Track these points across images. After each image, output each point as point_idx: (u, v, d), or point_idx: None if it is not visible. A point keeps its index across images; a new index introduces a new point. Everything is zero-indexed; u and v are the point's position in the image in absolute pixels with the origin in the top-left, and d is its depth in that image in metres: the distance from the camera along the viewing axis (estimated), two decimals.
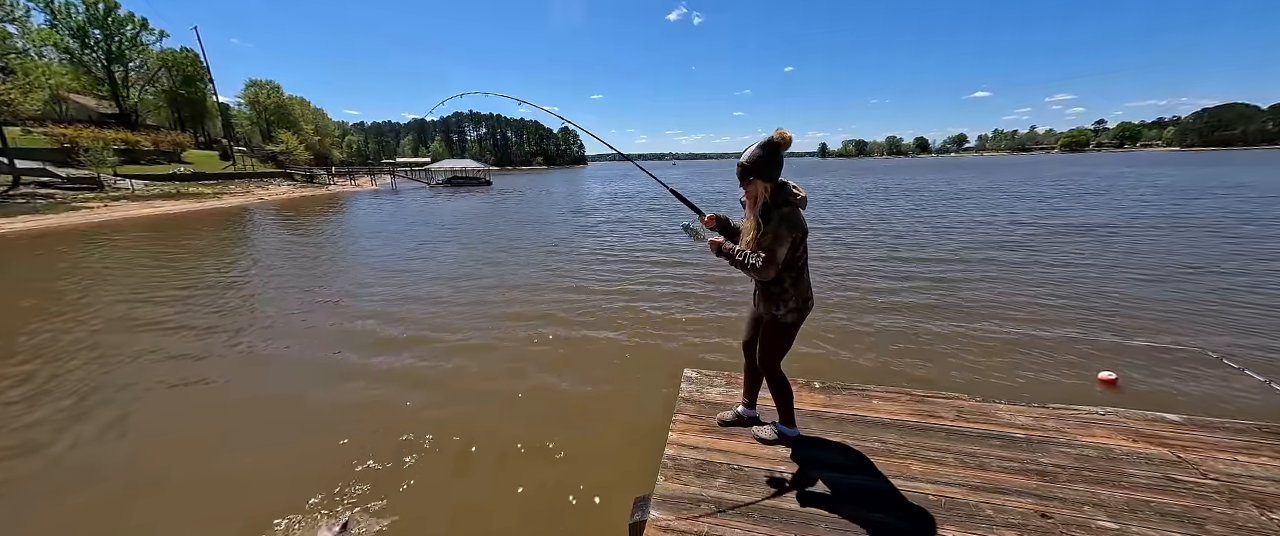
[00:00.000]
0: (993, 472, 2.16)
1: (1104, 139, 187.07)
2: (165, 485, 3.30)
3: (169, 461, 3.56)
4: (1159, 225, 12.25)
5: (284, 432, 3.97)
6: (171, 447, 3.76)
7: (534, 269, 9.67)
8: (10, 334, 6.27)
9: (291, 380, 4.92)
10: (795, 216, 2.00)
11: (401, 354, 5.43)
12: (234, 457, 3.59)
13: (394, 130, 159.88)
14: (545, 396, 4.44)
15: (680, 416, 2.71)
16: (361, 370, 5.04)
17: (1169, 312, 5.95)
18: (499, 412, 4.17)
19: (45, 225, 19.22)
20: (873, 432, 2.51)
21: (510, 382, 4.68)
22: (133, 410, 4.28)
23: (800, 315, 2.16)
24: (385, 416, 4.09)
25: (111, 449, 3.74)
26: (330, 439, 3.76)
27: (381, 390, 4.59)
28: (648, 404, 4.14)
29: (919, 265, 8.95)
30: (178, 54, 44.85)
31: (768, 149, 1.98)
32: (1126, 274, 7.76)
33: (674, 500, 2.05)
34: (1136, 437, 2.39)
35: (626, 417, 4.04)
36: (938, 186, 29.64)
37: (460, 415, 4.10)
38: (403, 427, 3.88)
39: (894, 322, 5.95)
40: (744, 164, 2.03)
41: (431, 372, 4.95)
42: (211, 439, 3.87)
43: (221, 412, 4.29)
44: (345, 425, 3.95)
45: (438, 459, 3.52)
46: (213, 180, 35.31)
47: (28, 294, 8.51)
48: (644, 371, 4.85)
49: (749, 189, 2.07)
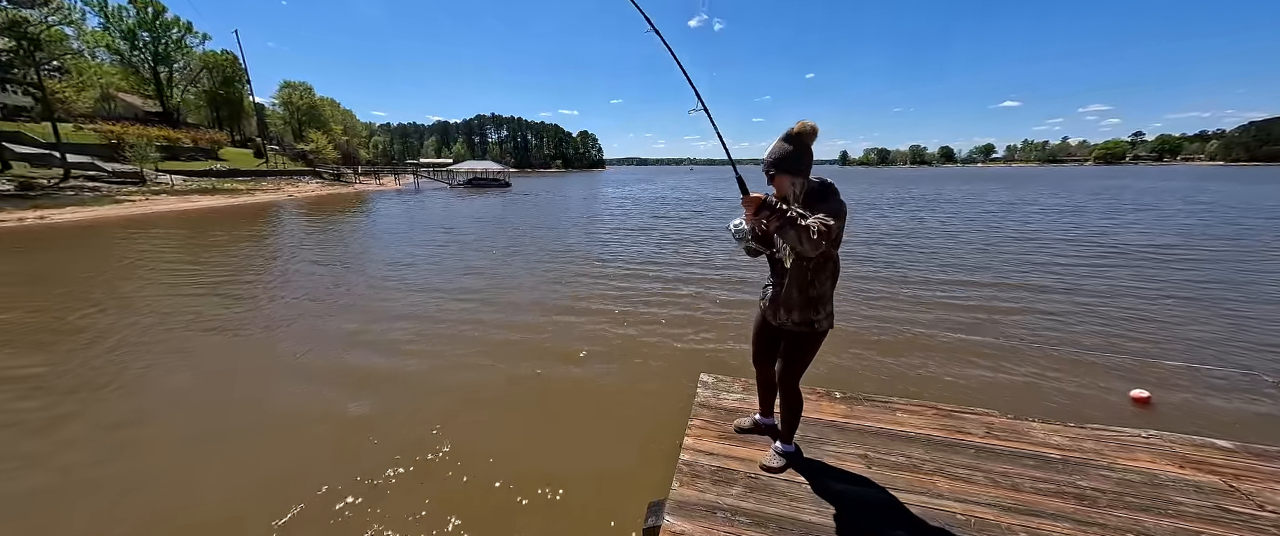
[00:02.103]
0: (1026, 494, 2.06)
1: (1141, 152, 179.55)
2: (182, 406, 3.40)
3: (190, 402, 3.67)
4: (1207, 243, 11.66)
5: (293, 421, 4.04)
6: (190, 389, 3.87)
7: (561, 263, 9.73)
8: (64, 309, 6.60)
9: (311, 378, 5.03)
10: (841, 202, 1.86)
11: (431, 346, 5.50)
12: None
13: (418, 131, 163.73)
14: (574, 388, 4.43)
15: (696, 421, 2.67)
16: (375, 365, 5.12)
17: (1216, 334, 5.64)
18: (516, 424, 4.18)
19: (91, 216, 20.21)
20: (897, 446, 2.42)
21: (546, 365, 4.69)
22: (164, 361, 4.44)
23: (831, 322, 2.04)
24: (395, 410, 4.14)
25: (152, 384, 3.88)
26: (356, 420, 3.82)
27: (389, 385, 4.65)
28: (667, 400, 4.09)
29: (949, 286, 8.71)
30: (219, 56, 46.86)
31: (792, 140, 1.83)
32: (1170, 293, 7.38)
33: (689, 506, 2.01)
34: (1184, 463, 2.24)
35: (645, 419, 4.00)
36: (967, 198, 28.90)
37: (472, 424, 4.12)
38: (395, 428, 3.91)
39: (922, 335, 5.77)
40: (769, 159, 1.89)
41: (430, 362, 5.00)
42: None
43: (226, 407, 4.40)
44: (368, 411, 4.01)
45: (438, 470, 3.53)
46: (247, 177, 36.66)
47: (71, 279, 8.93)
48: (666, 370, 4.80)
49: (777, 185, 1.92)
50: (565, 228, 17.00)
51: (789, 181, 1.87)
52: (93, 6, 37.17)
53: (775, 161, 1.87)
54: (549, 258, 11.11)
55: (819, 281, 1.95)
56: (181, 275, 9.46)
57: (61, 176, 25.95)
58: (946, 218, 18.40)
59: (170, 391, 4.54)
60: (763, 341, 2.31)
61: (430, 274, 9.54)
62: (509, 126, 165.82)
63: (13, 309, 7.09)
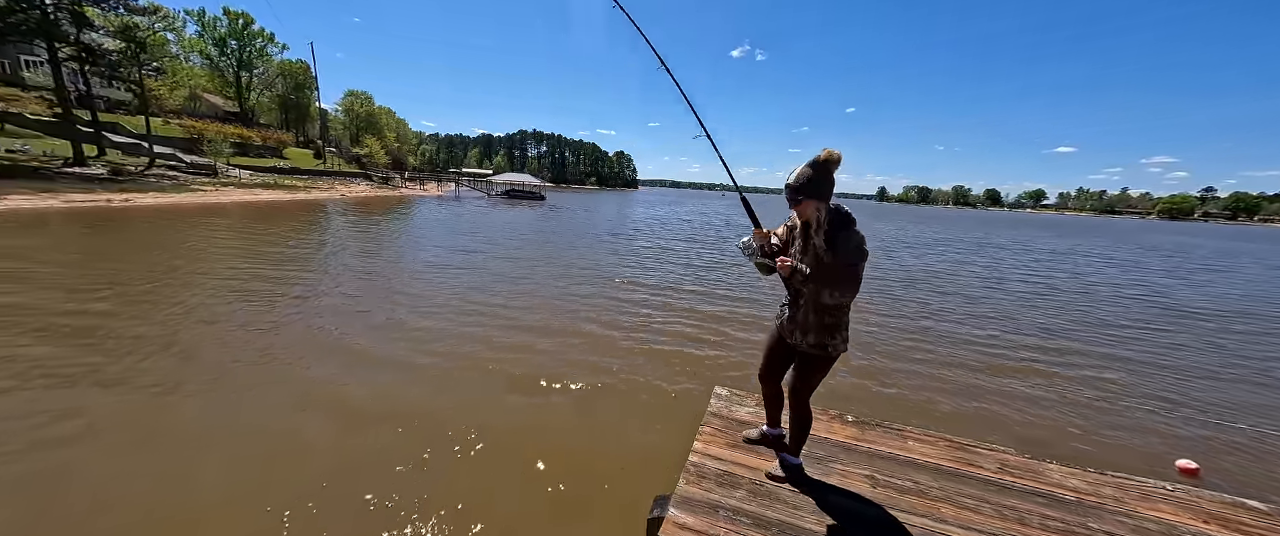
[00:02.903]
0: (1033, 529, 2.05)
1: (1212, 208, 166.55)
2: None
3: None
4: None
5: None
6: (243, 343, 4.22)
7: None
8: (150, 278, 7.32)
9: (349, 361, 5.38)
10: (863, 241, 1.94)
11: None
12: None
13: (463, 142, 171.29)
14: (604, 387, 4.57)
15: (707, 428, 2.76)
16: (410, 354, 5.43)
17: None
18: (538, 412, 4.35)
19: (168, 201, 22.15)
20: (904, 471, 2.44)
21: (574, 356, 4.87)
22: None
23: (846, 346, 2.09)
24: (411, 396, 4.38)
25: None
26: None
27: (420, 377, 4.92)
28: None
29: (990, 333, 8.44)
30: (293, 64, 51.05)
31: (818, 167, 1.93)
32: (1237, 364, 6.76)
33: (693, 502, 2.10)
34: (1209, 519, 2.17)
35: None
36: (1014, 243, 27.75)
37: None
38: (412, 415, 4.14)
39: (956, 375, 5.64)
40: (794, 184, 1.96)
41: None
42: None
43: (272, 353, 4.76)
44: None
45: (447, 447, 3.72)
46: (305, 175, 39.29)
47: (152, 251, 9.85)
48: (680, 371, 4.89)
49: (801, 209, 1.99)
50: (593, 243, 17.39)
51: (813, 206, 1.96)
52: (192, 16, 41.44)
53: (800, 187, 1.95)
54: (578, 271, 11.40)
55: (837, 310, 2.01)
56: (239, 258, 10.26)
57: (147, 165, 28.61)
58: (991, 263, 17.74)
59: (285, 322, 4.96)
60: (774, 358, 2.36)
61: (465, 279, 9.97)
62: (548, 142, 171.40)
63: (110, 277, 7.89)
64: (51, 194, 19.68)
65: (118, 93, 36.48)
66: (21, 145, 25.82)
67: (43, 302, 6.45)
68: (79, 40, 25.59)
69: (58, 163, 24.53)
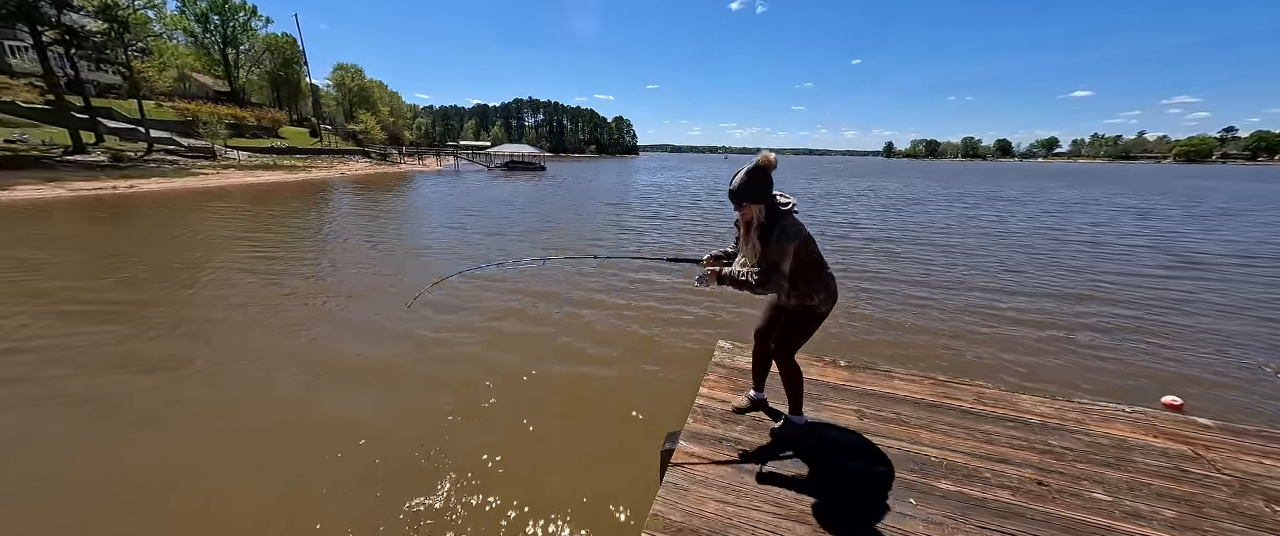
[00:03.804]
0: (1000, 447, 2.33)
1: (1232, 149, 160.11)
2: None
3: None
4: None
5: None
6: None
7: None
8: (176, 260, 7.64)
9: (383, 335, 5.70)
10: (790, 225, 2.13)
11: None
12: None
13: (459, 114, 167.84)
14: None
15: (711, 376, 3.04)
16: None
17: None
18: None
19: (172, 187, 22.28)
20: (889, 405, 2.72)
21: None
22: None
23: (830, 305, 2.29)
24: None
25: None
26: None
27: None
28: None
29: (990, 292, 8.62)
30: (279, 38, 49.62)
31: (756, 175, 2.13)
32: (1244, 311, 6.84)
33: (701, 436, 2.40)
34: (1157, 434, 2.44)
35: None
36: (994, 196, 27.46)
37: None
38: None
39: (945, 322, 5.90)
40: (736, 190, 2.17)
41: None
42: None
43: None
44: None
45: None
46: (303, 154, 39.02)
47: (170, 234, 10.15)
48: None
49: (743, 212, 2.21)
50: (596, 213, 17.49)
51: (754, 209, 2.18)
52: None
53: (741, 191, 2.16)
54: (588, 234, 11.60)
55: (799, 284, 2.25)
56: (253, 240, 10.53)
57: (145, 150, 28.53)
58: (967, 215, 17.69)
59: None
60: (770, 316, 2.55)
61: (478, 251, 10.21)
62: (545, 110, 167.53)
63: (132, 261, 8.21)
64: (58, 183, 19.86)
65: (107, 76, 35.89)
66: (20, 134, 25.76)
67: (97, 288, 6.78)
68: (61, 22, 25.02)
69: (58, 151, 24.55)
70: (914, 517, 1.87)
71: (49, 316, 5.73)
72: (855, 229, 13.83)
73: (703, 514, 1.89)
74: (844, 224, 14.81)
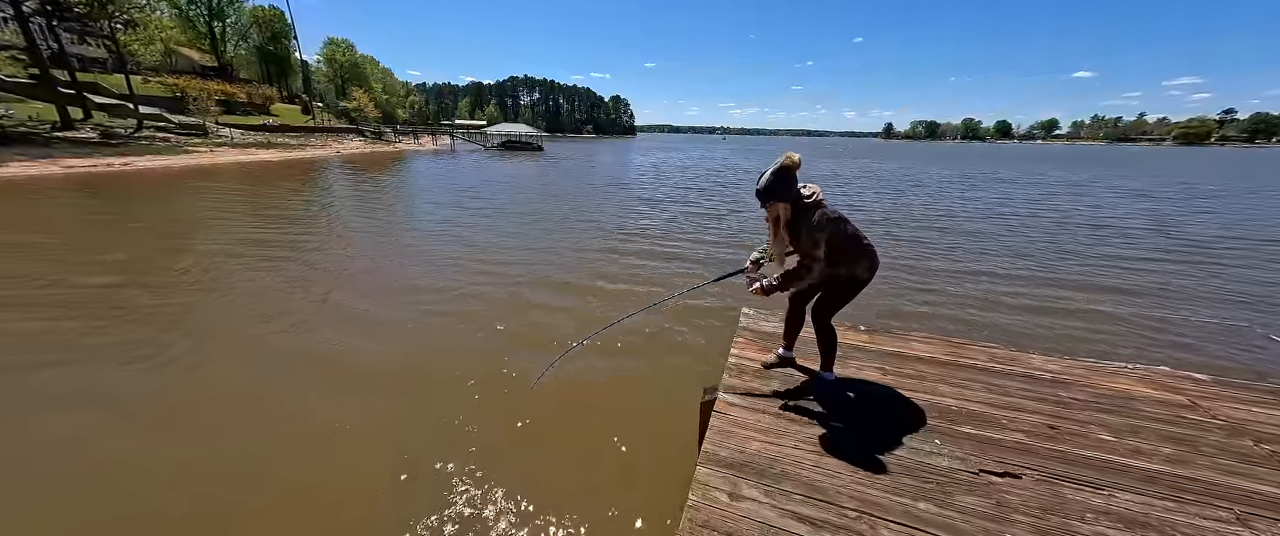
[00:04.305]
0: (1013, 397, 2.53)
1: (1231, 131, 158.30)
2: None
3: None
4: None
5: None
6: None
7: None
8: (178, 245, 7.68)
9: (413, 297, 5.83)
10: (817, 219, 2.26)
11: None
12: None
13: (453, 92, 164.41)
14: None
15: (740, 340, 3.21)
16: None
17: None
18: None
19: (167, 164, 21.96)
20: (908, 364, 2.90)
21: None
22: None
23: (872, 272, 2.44)
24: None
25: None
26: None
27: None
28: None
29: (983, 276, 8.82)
30: (267, 11, 48.14)
31: (780, 175, 2.25)
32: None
33: (737, 389, 2.58)
34: (1158, 386, 2.65)
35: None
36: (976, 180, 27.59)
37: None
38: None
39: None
40: (762, 189, 2.29)
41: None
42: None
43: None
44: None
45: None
46: (296, 132, 38.36)
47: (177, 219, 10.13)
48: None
49: (770, 210, 2.33)
50: (600, 197, 17.49)
51: (780, 206, 2.30)
52: None
53: (767, 191, 2.29)
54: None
55: (842, 259, 2.39)
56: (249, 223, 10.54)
57: (136, 126, 27.96)
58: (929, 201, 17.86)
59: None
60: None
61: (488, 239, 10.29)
62: (541, 89, 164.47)
63: (146, 242, 8.23)
64: (49, 160, 19.54)
65: (91, 50, 34.87)
66: (5, 110, 25.14)
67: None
68: None
69: (46, 127, 24.02)
70: (939, 454, 2.07)
71: (96, 314, 5.80)
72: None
73: (748, 451, 2.08)
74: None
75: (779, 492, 1.85)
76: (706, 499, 1.82)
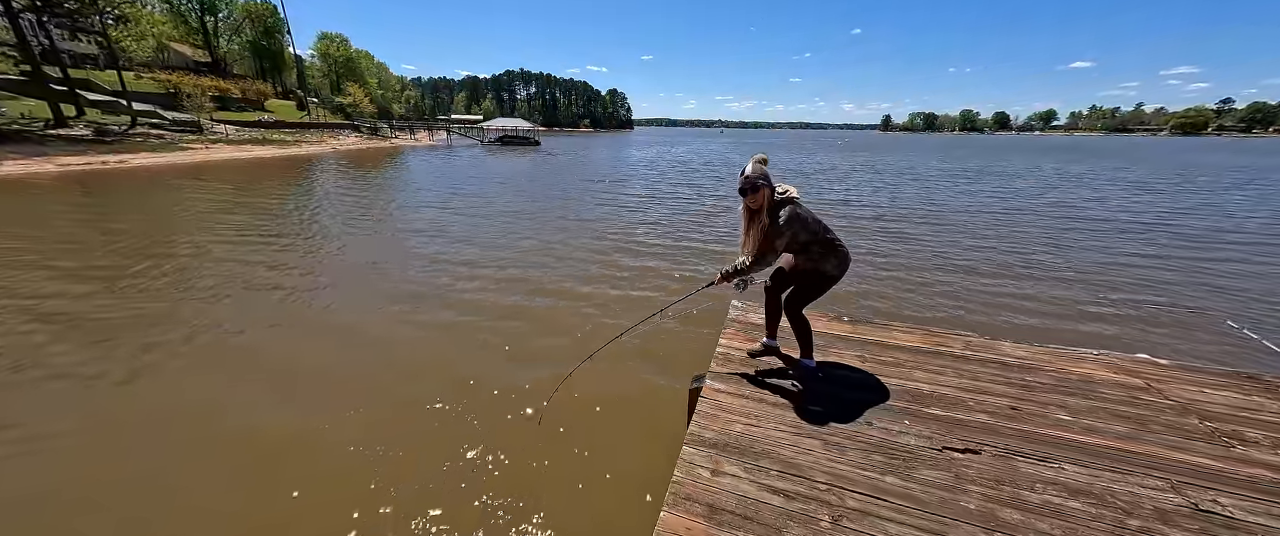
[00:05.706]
0: (982, 382, 2.69)
1: (1228, 122, 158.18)
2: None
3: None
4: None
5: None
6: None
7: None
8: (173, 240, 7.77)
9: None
10: (787, 213, 2.45)
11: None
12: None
13: (448, 86, 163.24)
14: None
15: (728, 330, 3.36)
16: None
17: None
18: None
19: (163, 161, 21.93)
20: (887, 352, 3.06)
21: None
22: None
23: (842, 270, 2.60)
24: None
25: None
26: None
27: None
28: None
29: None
30: (259, 5, 47.66)
31: (761, 166, 2.51)
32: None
33: (724, 376, 2.73)
34: (1117, 370, 2.82)
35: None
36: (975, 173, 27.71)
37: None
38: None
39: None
40: (753, 176, 2.48)
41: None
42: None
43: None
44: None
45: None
46: (291, 128, 38.18)
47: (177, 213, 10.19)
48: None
49: (755, 196, 2.50)
50: (599, 193, 17.57)
51: (763, 193, 2.49)
52: None
53: (761, 178, 2.49)
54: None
55: (812, 253, 2.58)
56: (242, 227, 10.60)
57: (130, 124, 27.83)
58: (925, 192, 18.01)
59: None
60: (781, 274, 2.89)
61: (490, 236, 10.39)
62: (537, 83, 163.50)
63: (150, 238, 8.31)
64: (44, 157, 19.50)
65: (82, 46, 34.58)
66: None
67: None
68: None
69: (40, 125, 23.91)
70: (907, 433, 2.23)
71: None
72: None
73: (731, 432, 2.24)
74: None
75: (758, 469, 2.01)
76: (690, 475, 1.98)
